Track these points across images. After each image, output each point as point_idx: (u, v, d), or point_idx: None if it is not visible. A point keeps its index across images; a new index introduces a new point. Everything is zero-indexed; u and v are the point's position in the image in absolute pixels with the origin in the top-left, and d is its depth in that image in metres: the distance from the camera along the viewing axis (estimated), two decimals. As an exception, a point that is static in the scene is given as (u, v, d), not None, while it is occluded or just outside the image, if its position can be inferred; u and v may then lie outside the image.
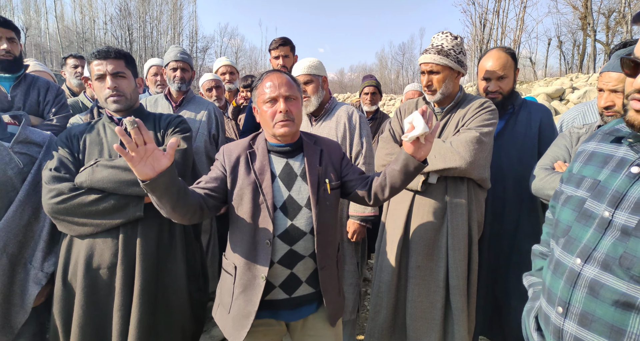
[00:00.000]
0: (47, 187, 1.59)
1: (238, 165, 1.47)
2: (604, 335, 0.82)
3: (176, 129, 1.80)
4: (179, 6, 44.45)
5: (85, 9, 40.29)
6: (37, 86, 2.29)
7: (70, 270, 1.61)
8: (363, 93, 3.80)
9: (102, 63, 1.66)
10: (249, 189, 1.42)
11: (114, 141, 1.70)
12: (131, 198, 1.61)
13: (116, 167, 1.59)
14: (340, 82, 62.68)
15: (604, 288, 0.83)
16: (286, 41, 2.93)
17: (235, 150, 1.51)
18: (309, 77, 2.23)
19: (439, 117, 1.94)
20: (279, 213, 1.43)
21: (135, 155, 1.12)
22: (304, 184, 1.47)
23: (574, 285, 0.89)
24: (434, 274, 1.87)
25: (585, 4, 25.01)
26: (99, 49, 1.68)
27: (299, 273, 1.46)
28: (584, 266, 0.88)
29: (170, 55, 2.62)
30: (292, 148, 1.50)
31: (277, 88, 1.41)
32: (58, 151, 1.66)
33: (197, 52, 45.65)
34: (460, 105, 1.92)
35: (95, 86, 1.70)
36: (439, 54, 1.82)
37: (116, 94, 1.67)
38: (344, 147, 2.25)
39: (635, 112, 0.87)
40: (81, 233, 1.60)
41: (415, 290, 1.89)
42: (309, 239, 1.45)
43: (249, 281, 1.42)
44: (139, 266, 1.60)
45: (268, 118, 1.43)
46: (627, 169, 0.88)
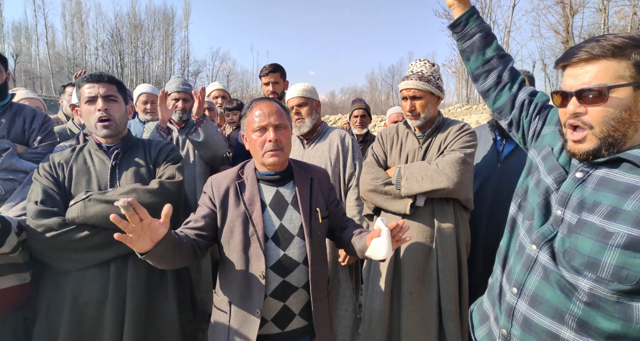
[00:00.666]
0: (34, 222, 1.48)
1: (227, 198, 1.44)
2: (549, 315, 0.96)
3: (168, 158, 1.76)
4: (170, 32, 45.20)
5: (76, 35, 40.70)
6: (23, 114, 2.25)
7: (54, 308, 1.52)
8: (352, 116, 3.87)
9: (94, 85, 1.63)
10: (239, 221, 1.39)
11: (102, 170, 1.66)
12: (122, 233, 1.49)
13: (110, 202, 1.52)
14: (332, 103, 63.65)
15: (553, 273, 0.96)
16: (276, 68, 2.97)
17: (223, 181, 1.47)
18: (303, 100, 2.27)
19: (421, 140, 2.00)
20: (271, 243, 1.39)
21: (134, 235, 1.09)
22: (296, 212, 1.45)
23: (530, 269, 1.02)
24: (427, 300, 1.87)
25: (567, 29, 26.09)
26: (92, 73, 1.66)
27: (292, 305, 1.42)
28: (539, 253, 1.01)
29: (173, 86, 2.70)
30: (281, 177, 1.48)
31: (267, 117, 1.40)
32: (40, 180, 1.57)
33: (188, 76, 46.11)
34: (440, 129, 1.99)
35: (85, 110, 1.64)
36: (421, 80, 1.89)
37: (106, 118, 1.62)
38: (337, 169, 2.28)
39: (573, 142, 0.98)
40: (70, 270, 1.53)
41: (408, 318, 1.86)
42: (302, 270, 1.41)
43: (244, 317, 1.37)
44: (130, 299, 1.54)
45: (257, 147, 1.41)
46: (573, 174, 1.00)
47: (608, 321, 0.87)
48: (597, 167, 0.96)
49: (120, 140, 1.70)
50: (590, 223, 0.91)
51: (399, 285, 1.91)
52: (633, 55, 0.89)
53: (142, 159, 1.72)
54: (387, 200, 1.93)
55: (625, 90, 0.89)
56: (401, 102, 1.99)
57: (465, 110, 25.23)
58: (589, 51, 0.92)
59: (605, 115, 0.91)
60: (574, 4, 26.03)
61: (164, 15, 44.59)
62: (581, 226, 0.92)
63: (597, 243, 0.88)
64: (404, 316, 1.87)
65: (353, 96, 56.98)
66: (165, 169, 1.71)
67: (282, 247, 1.40)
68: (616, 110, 0.90)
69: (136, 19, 42.83)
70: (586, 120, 0.94)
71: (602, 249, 0.87)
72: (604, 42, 0.91)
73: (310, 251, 1.41)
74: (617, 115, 0.91)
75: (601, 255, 0.87)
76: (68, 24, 40.53)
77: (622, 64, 0.89)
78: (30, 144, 2.24)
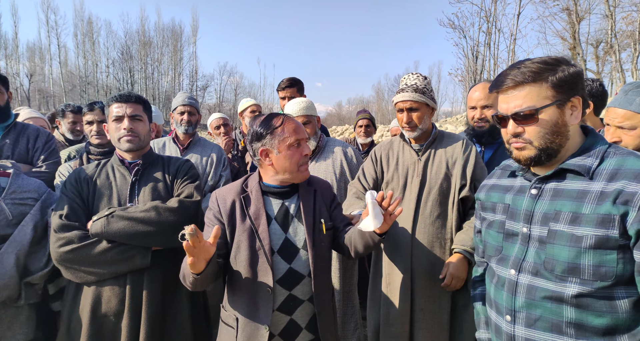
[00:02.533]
0: (56, 236, 1.57)
1: (234, 212, 1.45)
2: (547, 330, 1.02)
3: (186, 177, 1.81)
4: (179, 48, 46.17)
5: (88, 54, 41.81)
6: (27, 134, 2.29)
7: (75, 317, 1.60)
8: (357, 126, 4.00)
9: (122, 106, 1.72)
10: (245, 236, 1.40)
11: (123, 185, 1.73)
12: (139, 248, 1.61)
13: (133, 219, 1.58)
14: (339, 114, 63.96)
15: (538, 290, 1.03)
16: (293, 83, 3.00)
17: (228, 195, 1.48)
18: (307, 118, 2.26)
19: (419, 153, 1.99)
20: (277, 257, 1.41)
21: (195, 257, 1.15)
22: (300, 225, 1.46)
23: (515, 293, 1.08)
24: (437, 317, 1.86)
25: (573, 35, 25.95)
26: (121, 93, 1.76)
27: (298, 319, 1.42)
28: (519, 276, 1.08)
29: (179, 100, 2.75)
30: (288, 190, 1.50)
31: (304, 131, 1.46)
32: (66, 194, 1.66)
33: (197, 91, 46.84)
34: (439, 141, 1.99)
35: (112, 127, 1.74)
36: (416, 91, 1.90)
37: (131, 134, 1.71)
38: (342, 184, 2.27)
39: (516, 150, 1.10)
40: (87, 281, 1.59)
41: (419, 334, 1.86)
42: (307, 282, 1.43)
43: (252, 333, 1.36)
44: (145, 312, 1.59)
45: (296, 160, 1.43)
46: (528, 192, 1.11)
47: (600, 318, 0.95)
48: (547, 182, 1.08)
49: (142, 156, 1.77)
50: (560, 231, 1.00)
51: (411, 302, 1.90)
52: (550, 77, 1.02)
53: (161, 176, 1.78)
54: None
55: (551, 108, 1.03)
56: (397, 114, 1.98)
57: (473, 119, 24.92)
58: (514, 78, 1.05)
59: (540, 131, 1.05)
60: (579, 11, 25.91)
61: (172, 32, 45.66)
62: (553, 235, 1.01)
63: (572, 248, 0.97)
64: (416, 333, 1.87)
65: (360, 107, 57.16)
66: (184, 187, 1.76)
67: (288, 260, 1.41)
68: (547, 125, 1.04)
69: (145, 36, 43.91)
70: (526, 137, 1.06)
71: (578, 253, 0.96)
72: (523, 69, 1.04)
73: (313, 263, 1.42)
74: (550, 129, 1.04)
75: (579, 258, 0.96)
76: (80, 43, 41.71)
77: (543, 86, 1.02)
78: (34, 163, 2.29)
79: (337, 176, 2.26)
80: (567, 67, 1.03)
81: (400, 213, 1.33)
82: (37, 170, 2.22)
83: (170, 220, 1.61)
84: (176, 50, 45.90)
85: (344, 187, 2.28)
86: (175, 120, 2.72)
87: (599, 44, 26.65)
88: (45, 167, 2.25)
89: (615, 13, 23.98)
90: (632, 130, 1.54)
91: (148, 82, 44.10)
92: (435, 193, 1.88)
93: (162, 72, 45.64)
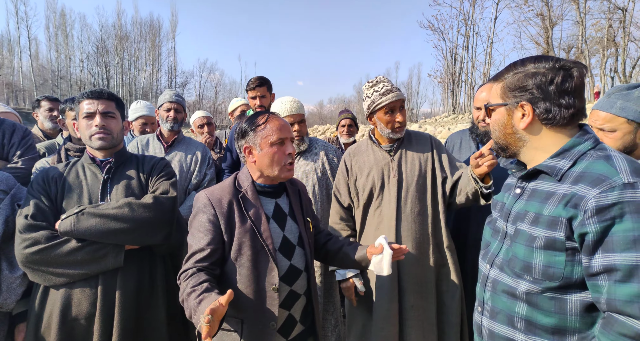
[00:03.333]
0: (21, 236, 1.50)
1: (232, 214, 1.40)
2: (504, 323, 1.07)
3: (162, 174, 1.76)
4: (157, 43, 45.13)
5: (60, 47, 40.29)
6: (2, 128, 2.21)
7: (43, 321, 1.52)
8: (340, 125, 4.01)
9: (94, 102, 1.66)
10: (247, 237, 1.37)
11: (94, 184, 1.67)
12: (111, 247, 1.55)
13: (104, 216, 1.52)
14: (320, 113, 64.04)
15: (499, 284, 1.08)
16: (262, 82, 2.98)
17: (223, 196, 1.42)
18: (302, 117, 2.26)
19: (392, 153, 2.02)
20: (279, 255, 1.42)
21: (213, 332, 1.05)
22: (293, 223, 1.49)
23: (485, 286, 1.14)
24: (427, 313, 1.88)
25: (547, 40, 26.89)
26: (92, 89, 1.70)
27: (295, 313, 1.45)
28: (490, 270, 1.13)
29: (165, 97, 2.70)
30: (277, 189, 1.52)
31: (288, 131, 1.45)
32: (33, 194, 1.59)
33: (176, 87, 45.94)
34: (407, 141, 2.04)
35: (83, 124, 1.67)
36: (400, 91, 1.95)
37: (103, 132, 1.66)
38: (324, 183, 2.29)
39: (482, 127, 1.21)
40: (56, 284, 1.52)
41: (412, 333, 1.87)
42: (304, 277, 1.47)
43: (258, 333, 1.34)
44: (118, 315, 1.53)
45: (277, 159, 1.42)
46: (513, 190, 1.15)
47: (547, 317, 0.97)
48: (529, 182, 1.10)
49: (114, 154, 1.71)
50: (522, 231, 1.03)
51: (401, 300, 1.90)
52: (505, 79, 1.07)
53: (135, 174, 1.72)
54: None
55: (501, 109, 1.10)
56: (384, 117, 1.91)
57: (452, 119, 25.61)
58: (493, 77, 1.14)
59: (493, 125, 1.14)
60: (553, 17, 26.88)
61: (150, 27, 44.58)
62: (517, 234, 1.04)
63: (527, 247, 1.00)
64: (407, 331, 1.87)
65: (341, 106, 57.42)
66: (159, 184, 1.72)
67: (288, 257, 1.44)
68: (496, 123, 1.12)
69: (122, 30, 42.70)
70: (489, 124, 1.17)
71: (531, 252, 0.99)
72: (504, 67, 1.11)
73: (309, 259, 1.49)
74: (498, 128, 1.12)
75: (531, 258, 0.99)
76: (52, 36, 40.18)
77: (499, 86, 1.09)
78: (10, 159, 2.20)
79: (318, 175, 2.27)
80: (524, 69, 1.03)
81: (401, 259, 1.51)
82: (12, 165, 2.12)
83: (145, 216, 1.56)
84: (154, 45, 44.84)
85: (325, 186, 2.28)
86: (160, 117, 2.67)
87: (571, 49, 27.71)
88: (22, 163, 2.15)
89: (585, 20, 24.99)
90: (612, 132, 1.57)
91: (125, 78, 42.89)
92: (413, 191, 1.92)
93: (139, 68, 44.49)
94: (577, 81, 0.99)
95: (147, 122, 3.11)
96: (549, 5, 26.50)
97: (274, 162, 1.41)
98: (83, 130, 1.67)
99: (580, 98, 1.01)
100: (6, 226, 1.65)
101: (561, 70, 0.99)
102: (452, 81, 33.37)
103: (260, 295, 1.36)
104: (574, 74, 0.99)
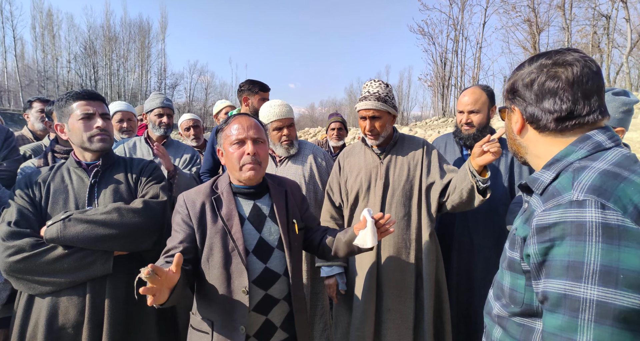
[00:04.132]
0: (4, 244, 1.44)
1: (204, 214, 1.41)
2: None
3: (151, 177, 1.73)
4: (146, 44, 44.68)
5: (47, 48, 39.59)
6: None
7: (28, 331, 1.47)
8: (330, 129, 4.06)
9: (91, 103, 1.63)
10: (217, 237, 1.37)
11: (81, 188, 1.62)
12: (99, 253, 1.50)
13: (92, 222, 1.48)
14: (311, 116, 64.08)
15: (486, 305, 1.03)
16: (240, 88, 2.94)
17: (197, 197, 1.45)
18: (290, 121, 2.25)
19: (381, 157, 2.04)
20: (252, 257, 1.39)
21: (157, 294, 1.09)
22: (274, 225, 1.46)
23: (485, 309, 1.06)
24: (404, 316, 1.89)
25: (534, 45, 27.38)
26: (85, 90, 1.66)
27: (274, 318, 1.42)
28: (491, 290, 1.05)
29: (157, 101, 2.67)
30: (257, 190, 1.50)
31: (246, 130, 1.42)
32: (15, 200, 1.53)
33: (165, 89, 45.50)
34: (399, 145, 2.06)
35: (78, 125, 1.60)
36: (379, 100, 1.92)
37: (104, 134, 1.63)
38: (311, 186, 2.27)
39: None
40: (42, 292, 1.47)
41: (387, 335, 1.89)
42: (283, 281, 1.43)
43: (228, 336, 1.34)
44: (107, 323, 1.49)
45: (235, 160, 1.41)
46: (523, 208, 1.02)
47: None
48: (530, 194, 0.97)
49: (101, 157, 1.67)
50: (504, 249, 0.95)
51: (380, 303, 1.93)
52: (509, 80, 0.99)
53: (123, 177, 1.68)
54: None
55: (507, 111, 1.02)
56: (359, 121, 2.01)
57: (442, 123, 25.84)
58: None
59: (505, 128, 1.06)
60: (539, 23, 27.40)
61: (139, 28, 44.10)
62: (503, 256, 0.96)
63: (501, 268, 0.94)
64: (384, 334, 1.89)
65: (332, 109, 57.50)
66: (149, 188, 1.68)
67: (263, 260, 1.40)
68: (505, 126, 1.05)
69: (111, 31, 42.16)
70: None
71: (502, 274, 0.93)
72: None
73: (290, 263, 1.43)
74: (506, 131, 1.04)
75: (502, 279, 0.92)
76: (38, 36, 39.42)
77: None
78: None
79: (306, 179, 2.26)
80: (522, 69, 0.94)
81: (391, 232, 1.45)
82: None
83: (135, 221, 1.53)
84: (144, 46, 44.37)
85: (312, 189, 2.27)
86: (151, 122, 2.63)
87: (557, 54, 28.18)
88: (7, 164, 2.12)
89: (571, 26, 25.55)
90: None
91: (113, 79, 42.33)
92: (398, 195, 1.94)
93: (128, 69, 43.96)
94: (568, 79, 0.85)
95: (124, 118, 2.97)
96: (536, 11, 27.04)
97: (234, 163, 1.41)
98: (78, 132, 1.61)
99: (577, 99, 0.85)
100: None
101: (547, 68, 0.88)
102: (441, 85, 33.75)
103: (230, 298, 1.35)
104: (560, 72, 0.85)
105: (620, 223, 0.68)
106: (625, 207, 0.70)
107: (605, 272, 0.67)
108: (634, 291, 0.65)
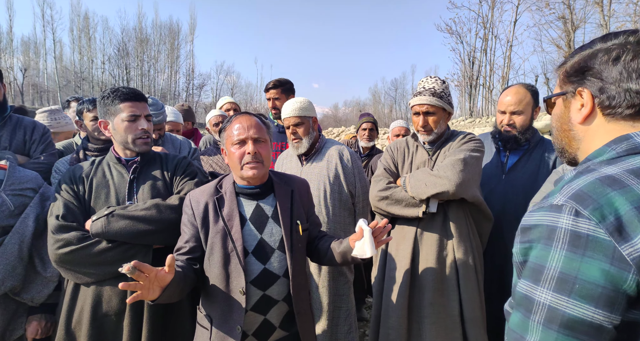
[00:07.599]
0: (53, 237, 1.54)
1: (208, 214, 1.45)
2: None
3: (185, 174, 1.79)
4: (176, 46, 45.95)
5: (84, 50, 41.42)
6: (23, 126, 2.31)
7: (74, 317, 1.57)
8: (361, 129, 3.94)
9: (138, 105, 1.69)
10: (218, 237, 1.40)
11: (121, 183, 1.70)
12: (140, 246, 1.58)
13: (134, 218, 1.55)
14: (335, 116, 64.04)
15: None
16: (276, 84, 3.00)
17: (202, 197, 1.49)
18: (299, 120, 2.23)
19: (431, 153, 2.02)
20: (251, 258, 1.41)
21: (143, 291, 1.14)
22: (276, 226, 1.47)
23: None
24: (449, 309, 1.87)
25: (569, 43, 26.26)
26: (131, 90, 1.70)
27: (272, 319, 1.44)
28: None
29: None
30: (262, 190, 1.50)
31: (246, 130, 1.43)
32: (62, 195, 1.62)
33: (193, 89, 46.63)
34: (447, 141, 2.02)
35: (124, 127, 1.66)
36: (434, 95, 1.90)
37: (148, 136, 1.71)
38: (336, 187, 2.23)
39: None
40: (87, 281, 1.57)
41: (432, 330, 1.86)
42: (283, 282, 1.44)
43: (225, 334, 1.37)
44: (147, 310, 1.57)
45: (236, 159, 1.43)
46: None
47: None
48: None
49: (139, 153, 1.74)
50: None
51: (419, 297, 1.91)
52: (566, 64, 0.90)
53: (159, 174, 1.76)
54: (400, 208, 1.94)
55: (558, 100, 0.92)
56: (412, 117, 2.00)
57: (469, 123, 25.24)
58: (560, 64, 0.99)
59: (552, 121, 0.95)
60: (575, 20, 26.26)
61: (169, 30, 45.40)
62: None
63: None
64: (427, 328, 1.87)
65: (356, 109, 57.36)
66: (184, 184, 1.74)
67: (262, 261, 1.42)
68: (555, 117, 0.93)
69: (142, 33, 43.60)
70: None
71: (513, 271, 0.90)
72: None
73: (291, 264, 1.43)
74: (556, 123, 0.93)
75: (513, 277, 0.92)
76: (76, 39, 41.30)
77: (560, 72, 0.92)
78: (32, 155, 2.30)
79: (330, 179, 2.21)
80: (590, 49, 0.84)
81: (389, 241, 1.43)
82: (35, 161, 2.22)
83: (172, 217, 1.59)
84: (173, 48, 45.65)
85: (337, 190, 2.22)
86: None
87: (594, 52, 26.92)
88: (44, 158, 2.25)
89: (610, 23, 24.32)
90: None
91: (144, 79, 43.79)
92: None
93: (158, 70, 45.37)
94: None
95: (173, 128, 3.10)
96: (572, 8, 25.94)
97: (236, 163, 1.43)
98: (123, 132, 1.66)
99: None
100: (37, 223, 1.72)
101: (633, 45, 0.77)
102: (469, 84, 32.97)
103: (228, 297, 1.38)
104: None
105: (591, 233, 0.65)
106: (604, 216, 0.65)
107: (562, 279, 0.67)
108: (587, 302, 0.64)
